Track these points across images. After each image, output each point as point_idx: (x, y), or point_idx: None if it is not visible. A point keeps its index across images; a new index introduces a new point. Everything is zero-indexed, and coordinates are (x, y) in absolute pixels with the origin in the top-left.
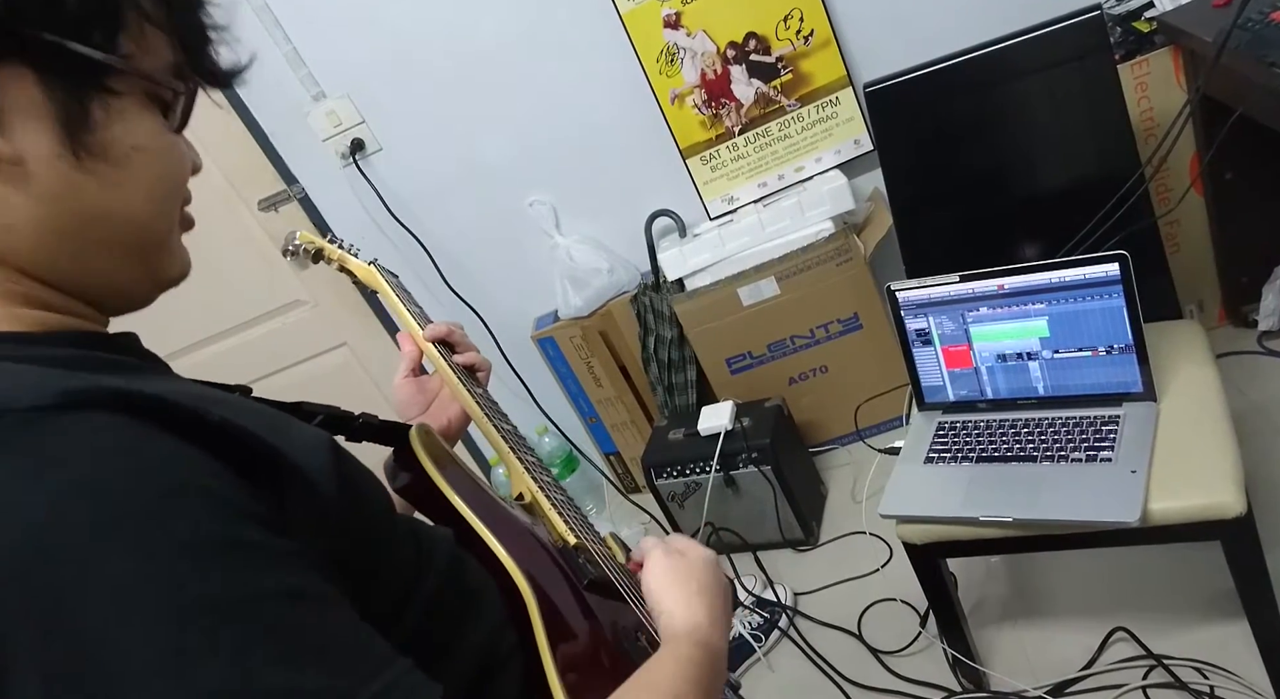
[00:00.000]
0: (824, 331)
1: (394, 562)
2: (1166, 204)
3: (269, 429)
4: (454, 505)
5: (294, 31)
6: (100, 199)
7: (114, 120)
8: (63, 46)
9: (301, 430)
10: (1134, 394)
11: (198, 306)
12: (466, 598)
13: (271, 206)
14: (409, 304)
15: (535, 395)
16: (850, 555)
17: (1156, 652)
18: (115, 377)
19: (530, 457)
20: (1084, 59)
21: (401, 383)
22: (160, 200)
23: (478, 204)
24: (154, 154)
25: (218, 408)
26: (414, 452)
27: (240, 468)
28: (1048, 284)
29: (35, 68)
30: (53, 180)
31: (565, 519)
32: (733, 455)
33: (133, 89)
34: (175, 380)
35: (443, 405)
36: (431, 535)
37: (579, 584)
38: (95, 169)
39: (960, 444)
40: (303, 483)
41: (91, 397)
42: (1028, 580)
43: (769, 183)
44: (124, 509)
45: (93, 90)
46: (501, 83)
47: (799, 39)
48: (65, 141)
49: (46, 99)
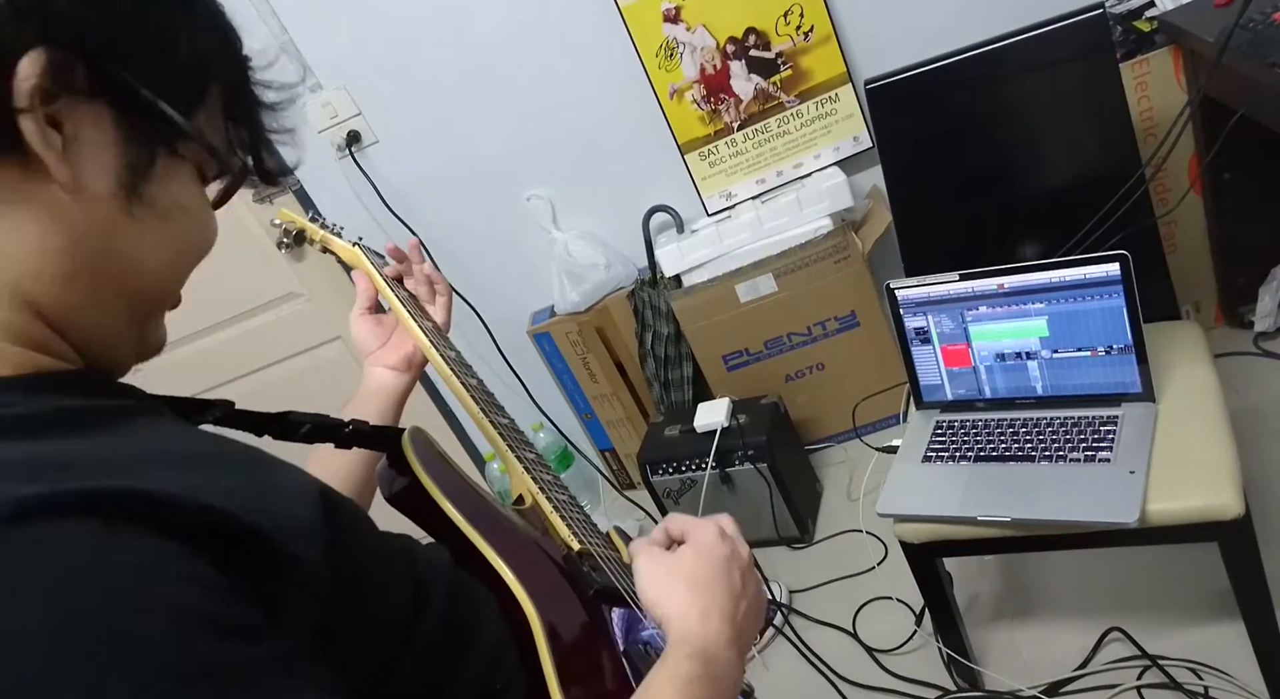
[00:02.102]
0: (821, 329)
1: (391, 605)
2: (1165, 204)
3: (250, 494)
4: (449, 516)
5: (290, 21)
6: (135, 245)
7: (171, 179)
8: (151, 101)
9: (288, 482)
10: (1133, 394)
11: (191, 299)
12: (467, 626)
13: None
14: (397, 289)
15: (530, 391)
16: (846, 553)
17: (1151, 652)
18: (74, 440)
19: (530, 454)
20: (1086, 58)
21: (358, 319)
22: (183, 262)
23: (475, 198)
24: (194, 218)
25: (190, 476)
26: (406, 458)
27: (217, 555)
28: (1047, 283)
29: (117, 111)
30: (97, 218)
31: (568, 523)
32: (729, 452)
33: (193, 157)
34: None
35: (401, 337)
36: (429, 563)
37: (585, 595)
38: (140, 215)
39: (958, 443)
40: (288, 556)
41: (44, 503)
42: (1023, 579)
43: (767, 179)
44: (79, 641)
45: (162, 145)
46: (500, 76)
47: (799, 35)
48: (125, 183)
49: (119, 141)
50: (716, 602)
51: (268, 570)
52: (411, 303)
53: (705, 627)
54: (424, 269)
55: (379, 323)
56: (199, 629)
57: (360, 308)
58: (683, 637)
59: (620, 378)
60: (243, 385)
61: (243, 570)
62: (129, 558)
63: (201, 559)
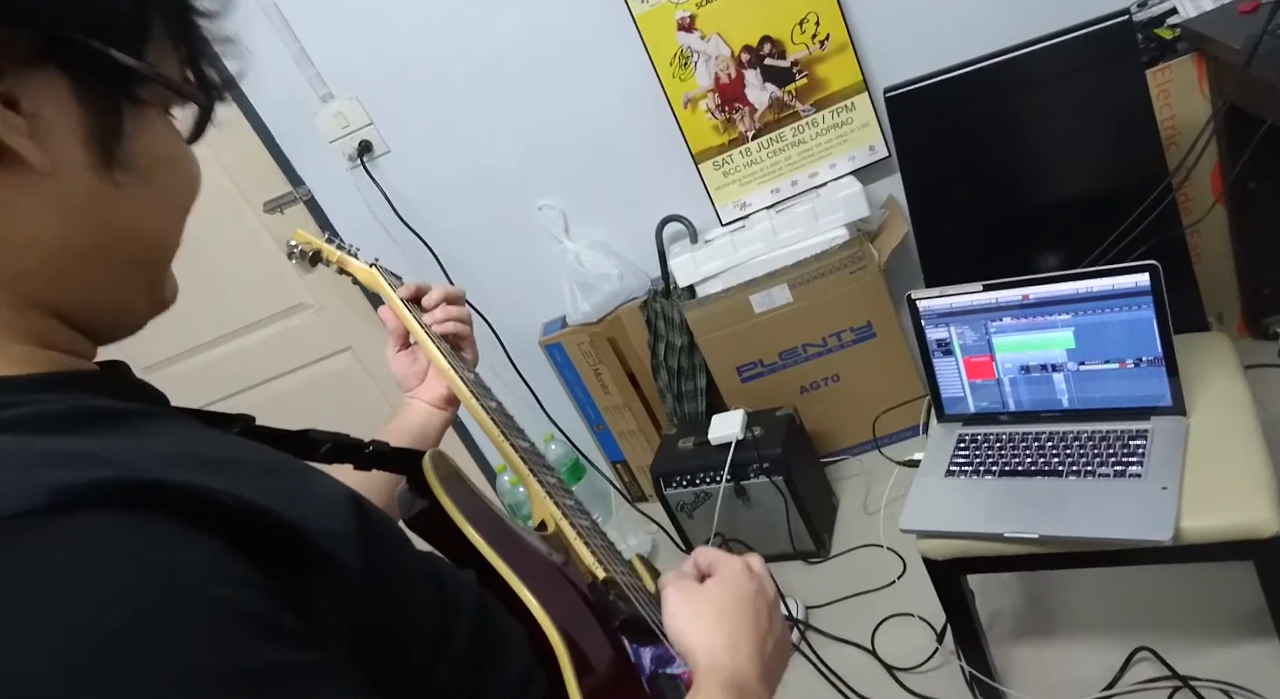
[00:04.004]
0: (837, 340)
1: (422, 617)
2: (1187, 213)
3: (288, 496)
4: (472, 542)
5: (302, 31)
6: (126, 213)
7: (141, 130)
8: (97, 51)
9: (321, 487)
10: (1163, 408)
11: (202, 310)
12: (495, 647)
13: (277, 208)
14: (414, 310)
15: (542, 402)
16: (863, 568)
17: (1182, 672)
18: (101, 439)
19: (551, 478)
20: (1110, 65)
21: (394, 357)
22: (175, 214)
23: (486, 208)
24: (174, 166)
25: (227, 478)
26: (427, 481)
27: (256, 556)
28: (1074, 294)
29: (69, 73)
30: (83, 193)
31: (592, 549)
32: (743, 465)
33: (157, 99)
34: (175, 434)
35: (438, 374)
36: (456, 580)
37: (611, 625)
38: (123, 181)
39: (982, 457)
40: (329, 561)
41: (83, 494)
42: (1047, 595)
43: (782, 189)
44: (123, 642)
45: (125, 98)
46: (512, 85)
47: (815, 43)
48: (97, 151)
49: (80, 107)
50: (744, 634)
51: (305, 571)
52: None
53: (734, 658)
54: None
55: (414, 359)
56: (240, 628)
57: (394, 345)
58: (713, 666)
59: (633, 389)
60: (252, 397)
61: (282, 570)
62: (163, 556)
63: (241, 557)
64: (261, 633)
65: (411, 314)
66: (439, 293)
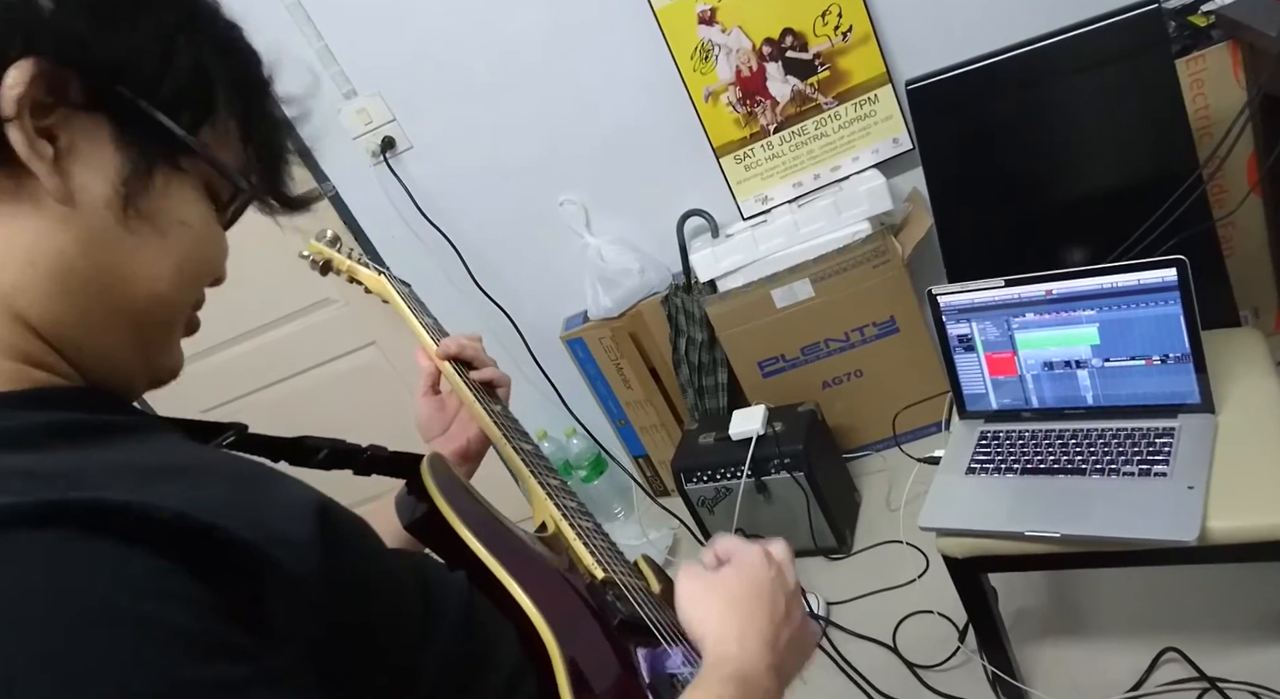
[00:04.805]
0: (859, 335)
1: (398, 622)
2: (1222, 206)
3: (238, 506)
4: (468, 544)
5: (326, 28)
6: (131, 258)
7: (172, 193)
8: (151, 114)
9: (285, 495)
10: (1190, 405)
11: (226, 305)
12: (482, 650)
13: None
14: (422, 315)
15: (564, 397)
16: (885, 565)
17: (1211, 674)
18: (69, 452)
19: (553, 480)
20: (1139, 55)
21: (421, 401)
22: (187, 278)
23: (508, 203)
24: (197, 234)
25: (176, 486)
26: (425, 485)
27: (196, 566)
28: (1099, 289)
29: (116, 123)
30: (94, 226)
31: (592, 550)
32: (764, 460)
33: (198, 174)
34: (144, 447)
35: (463, 425)
36: (443, 583)
37: (609, 625)
38: (137, 228)
39: (1004, 455)
40: (275, 568)
41: (18, 512)
42: (1072, 594)
43: (804, 182)
44: (41, 656)
45: (162, 159)
46: (533, 80)
47: (837, 35)
48: (120, 194)
49: (118, 151)
50: (755, 623)
51: (255, 584)
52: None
53: (743, 649)
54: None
55: (441, 407)
56: (172, 645)
57: (423, 388)
58: (720, 657)
59: (654, 384)
60: (276, 391)
61: (226, 584)
62: (89, 569)
63: (178, 572)
64: (196, 649)
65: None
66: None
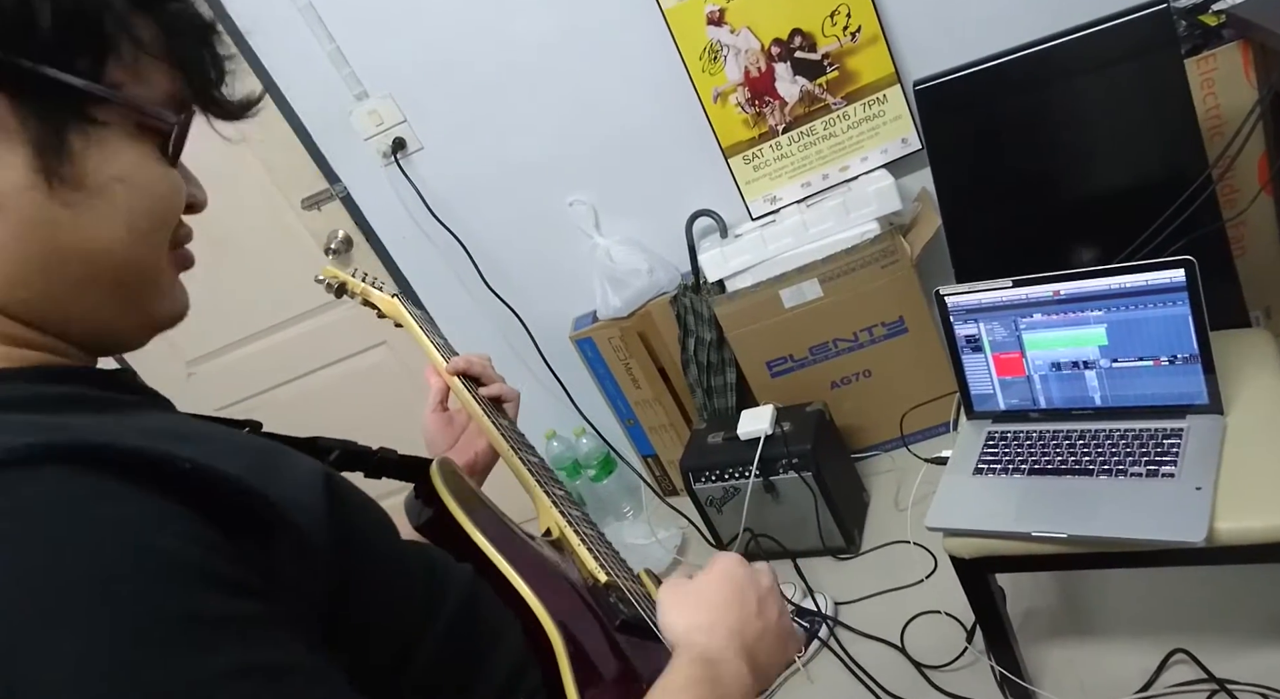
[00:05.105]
0: (868, 335)
1: (402, 595)
2: (1233, 205)
3: (252, 469)
4: (477, 543)
5: (337, 31)
6: (76, 232)
7: (94, 150)
8: (40, 73)
9: (294, 465)
10: (1199, 406)
11: (239, 304)
12: (486, 635)
13: (314, 205)
14: (433, 335)
15: (573, 396)
16: (893, 565)
17: (1219, 675)
18: (81, 416)
19: (559, 490)
20: (1148, 55)
21: (429, 417)
22: (144, 234)
23: (517, 204)
24: (139, 186)
25: (194, 448)
26: (434, 487)
27: (214, 515)
28: (1106, 290)
29: (9, 93)
30: (26, 211)
31: (595, 555)
32: (773, 460)
33: (120, 119)
34: (160, 418)
35: (470, 440)
36: (448, 567)
37: (610, 625)
38: (71, 200)
39: (1011, 455)
40: (289, 525)
41: (42, 451)
42: (1081, 595)
43: (813, 182)
44: (69, 581)
45: (72, 118)
46: (542, 81)
47: (846, 35)
48: (39, 170)
49: (21, 126)
50: (723, 619)
51: (266, 538)
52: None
53: (711, 636)
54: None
55: (449, 422)
56: (184, 576)
57: (432, 404)
58: (689, 644)
59: (663, 383)
60: (288, 391)
61: (242, 533)
62: (120, 507)
63: (198, 517)
64: (207, 582)
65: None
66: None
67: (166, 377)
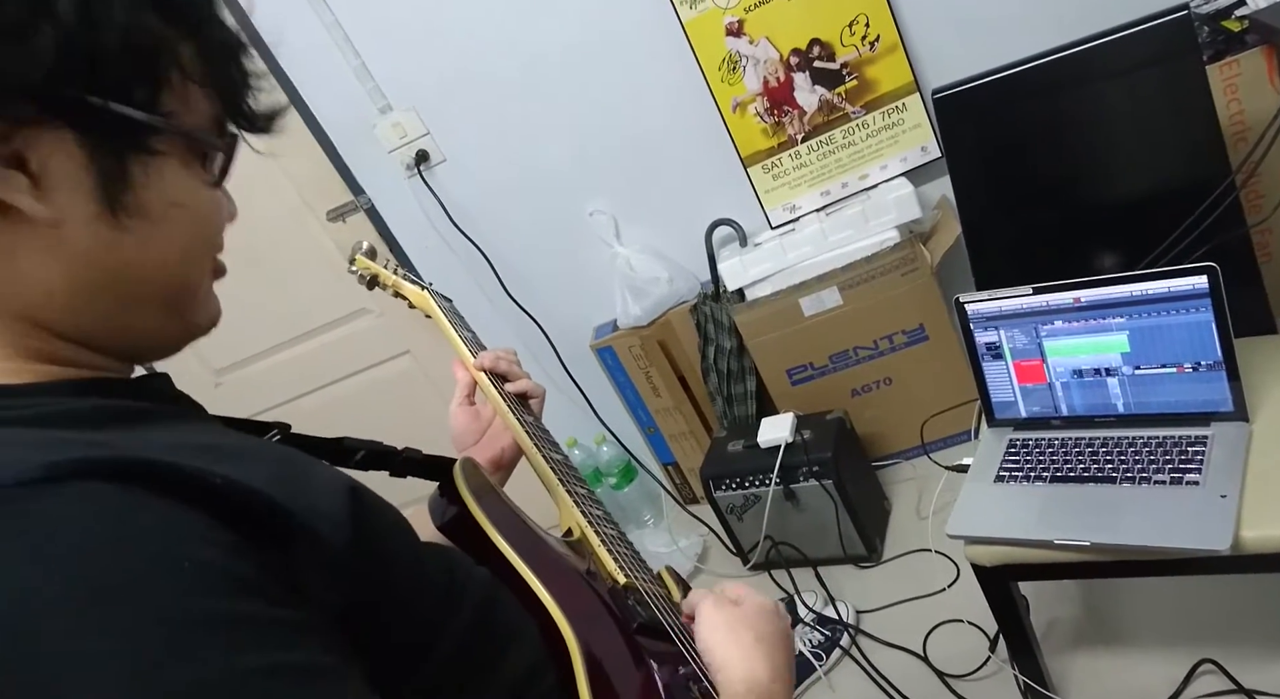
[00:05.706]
0: (888, 343)
1: (420, 600)
2: (1258, 211)
3: (280, 481)
4: (496, 544)
5: (362, 46)
6: (135, 256)
7: (153, 179)
8: (105, 108)
9: (319, 475)
10: (1223, 413)
11: (266, 315)
12: (502, 637)
13: (339, 217)
14: (461, 329)
15: (594, 405)
16: (915, 573)
17: (1248, 686)
18: (116, 431)
19: (581, 489)
20: (1168, 62)
21: (456, 411)
22: (196, 254)
23: (538, 214)
24: (191, 209)
25: (224, 463)
26: (457, 487)
27: (243, 529)
28: (1128, 297)
29: (76, 129)
30: (89, 241)
31: (615, 557)
32: (793, 468)
33: (174, 147)
34: (192, 430)
35: (496, 435)
36: (467, 570)
37: (628, 628)
38: (132, 227)
39: (1033, 463)
40: (313, 538)
41: (78, 466)
42: (1105, 604)
43: (832, 191)
44: (105, 587)
45: (132, 149)
46: (563, 93)
47: (864, 45)
48: (104, 202)
49: (87, 160)
50: (777, 653)
51: (289, 544)
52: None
53: (770, 673)
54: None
55: (476, 416)
56: (218, 582)
57: (459, 398)
58: (746, 679)
59: (683, 391)
60: (314, 399)
61: (268, 542)
62: (151, 519)
63: (225, 528)
64: (239, 588)
65: (489, 380)
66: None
67: (195, 386)
